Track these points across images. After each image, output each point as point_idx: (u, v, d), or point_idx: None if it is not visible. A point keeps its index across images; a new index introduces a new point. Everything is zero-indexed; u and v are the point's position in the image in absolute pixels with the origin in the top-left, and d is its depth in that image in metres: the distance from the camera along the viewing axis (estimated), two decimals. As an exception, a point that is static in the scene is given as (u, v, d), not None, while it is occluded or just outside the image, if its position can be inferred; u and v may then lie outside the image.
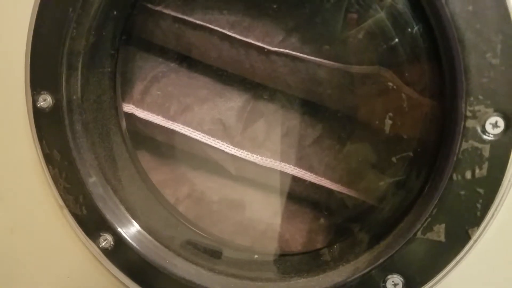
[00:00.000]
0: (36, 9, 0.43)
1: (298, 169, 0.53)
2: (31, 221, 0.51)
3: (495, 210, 0.35)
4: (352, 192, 0.49)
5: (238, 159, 0.54)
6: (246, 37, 0.50)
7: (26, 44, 0.44)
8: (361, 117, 0.49)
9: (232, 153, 0.54)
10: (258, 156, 0.54)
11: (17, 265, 0.55)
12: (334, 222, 0.53)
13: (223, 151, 0.54)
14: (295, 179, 0.54)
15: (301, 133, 0.54)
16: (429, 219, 0.36)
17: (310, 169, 0.53)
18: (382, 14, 0.38)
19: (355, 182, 0.49)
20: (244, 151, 0.55)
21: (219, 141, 0.55)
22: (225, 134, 0.55)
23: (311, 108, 0.53)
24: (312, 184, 0.53)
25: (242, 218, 0.58)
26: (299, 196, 0.55)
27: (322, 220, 0.55)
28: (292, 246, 0.55)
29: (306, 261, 0.47)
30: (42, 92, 0.44)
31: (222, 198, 0.59)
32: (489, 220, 0.35)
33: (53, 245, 0.51)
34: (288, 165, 0.54)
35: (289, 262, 0.49)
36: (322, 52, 0.48)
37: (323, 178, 0.53)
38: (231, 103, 0.56)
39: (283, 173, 0.54)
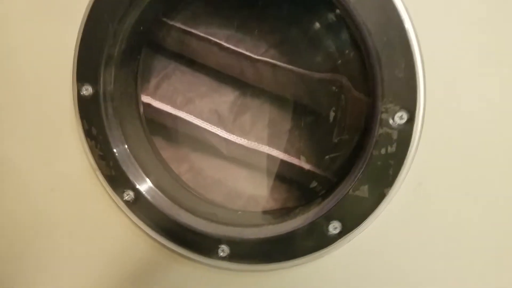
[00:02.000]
0: (84, 22, 0.51)
1: (276, 150, 0.62)
2: (72, 181, 0.58)
3: (402, 176, 0.45)
4: (312, 167, 0.59)
5: (230, 142, 0.63)
6: (238, 47, 0.59)
7: (75, 48, 0.52)
8: (319, 110, 0.59)
9: (225, 137, 0.63)
10: (245, 140, 0.63)
11: (58, 215, 0.60)
12: (300, 192, 0.62)
13: (218, 135, 0.63)
14: (274, 159, 0.62)
15: (279, 123, 0.63)
16: (357, 182, 0.45)
17: (285, 150, 0.63)
18: (329, 41, 0.51)
19: (314, 159, 0.59)
20: (234, 135, 0.64)
21: (215, 127, 0.63)
22: (219, 122, 0.64)
23: (287, 103, 0.62)
24: (287, 163, 0.62)
25: (231, 189, 0.66)
26: (277, 172, 0.63)
27: (292, 191, 0.64)
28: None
29: (277, 215, 0.57)
30: (85, 84, 0.53)
31: (216, 173, 0.66)
32: (398, 183, 0.45)
33: (87, 199, 0.58)
34: (268, 147, 0.63)
35: (265, 215, 0.59)
36: (295, 61, 0.59)
37: (294, 158, 0.62)
38: (225, 98, 0.64)
39: (265, 154, 0.62)
